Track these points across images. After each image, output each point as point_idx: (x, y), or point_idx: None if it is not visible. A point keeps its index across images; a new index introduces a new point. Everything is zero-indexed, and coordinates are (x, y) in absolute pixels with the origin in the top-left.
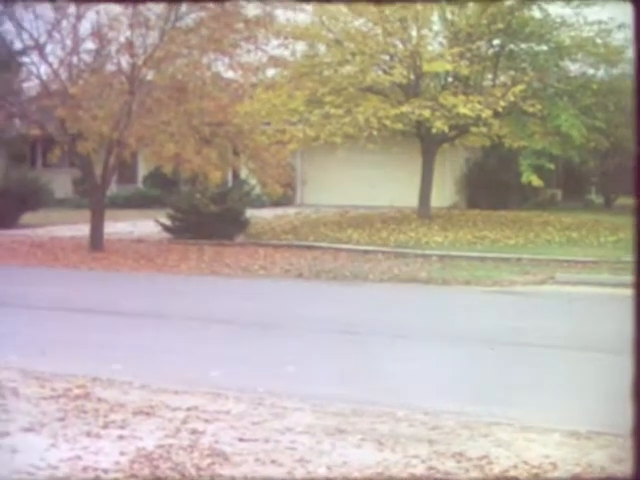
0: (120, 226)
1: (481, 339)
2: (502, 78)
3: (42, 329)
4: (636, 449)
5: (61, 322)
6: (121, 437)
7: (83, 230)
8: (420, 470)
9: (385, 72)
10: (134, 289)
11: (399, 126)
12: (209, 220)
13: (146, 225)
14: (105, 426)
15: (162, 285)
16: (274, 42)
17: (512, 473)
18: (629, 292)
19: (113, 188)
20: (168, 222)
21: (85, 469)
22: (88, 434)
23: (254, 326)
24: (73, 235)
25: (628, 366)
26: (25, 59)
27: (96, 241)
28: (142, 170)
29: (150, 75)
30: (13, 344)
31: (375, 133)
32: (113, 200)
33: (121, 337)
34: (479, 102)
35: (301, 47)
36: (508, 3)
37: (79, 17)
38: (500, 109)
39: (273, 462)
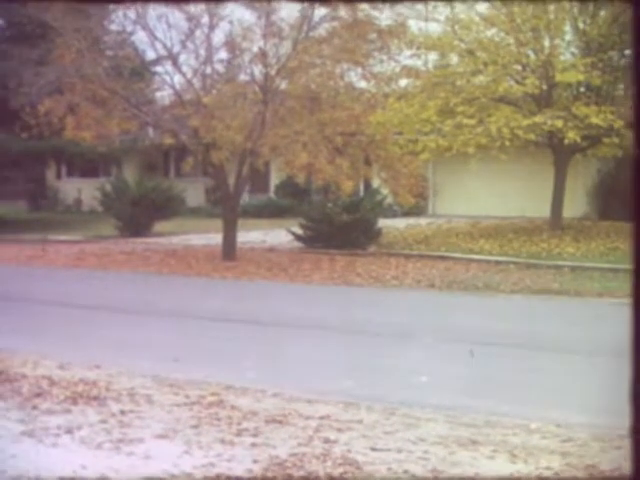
0: (252, 235)
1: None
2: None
3: (174, 336)
4: (635, 449)
5: (193, 329)
6: (254, 445)
7: (215, 239)
8: None
9: (517, 82)
10: (267, 298)
11: (531, 136)
12: (341, 229)
13: (278, 234)
14: (238, 434)
15: (295, 294)
16: (407, 52)
17: None
18: None
19: (245, 197)
20: (300, 231)
21: (218, 476)
22: (222, 441)
23: (387, 336)
24: (206, 244)
25: None
26: (158, 68)
27: (229, 250)
28: (274, 179)
29: (283, 85)
30: (146, 351)
31: (507, 143)
32: (245, 209)
33: (254, 345)
34: (611, 112)
35: (433, 57)
36: None
37: (212, 27)
38: (632, 119)
39: (405, 472)
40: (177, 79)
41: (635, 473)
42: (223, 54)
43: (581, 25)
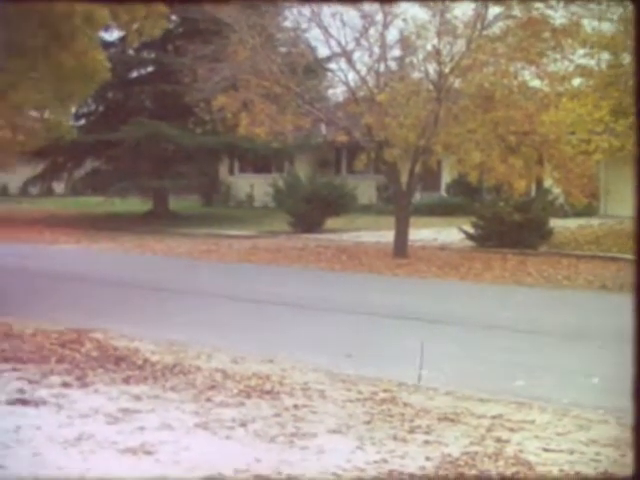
0: (423, 233)
1: None
2: None
3: (347, 332)
4: (636, 447)
5: (366, 326)
6: (427, 442)
7: (386, 236)
8: None
9: None
10: (437, 296)
11: None
12: (512, 229)
13: (449, 233)
14: (411, 431)
15: (465, 293)
16: (580, 51)
17: None
18: None
19: (416, 195)
20: (471, 230)
21: (391, 473)
22: (394, 438)
23: (558, 336)
24: (377, 241)
25: None
26: (331, 66)
27: (400, 248)
28: (445, 177)
29: (457, 83)
30: (319, 346)
31: None
32: (416, 207)
33: (427, 343)
34: None
35: (606, 56)
36: None
37: (386, 25)
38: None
39: (577, 474)
40: (351, 76)
41: (638, 471)
42: (396, 52)
43: None
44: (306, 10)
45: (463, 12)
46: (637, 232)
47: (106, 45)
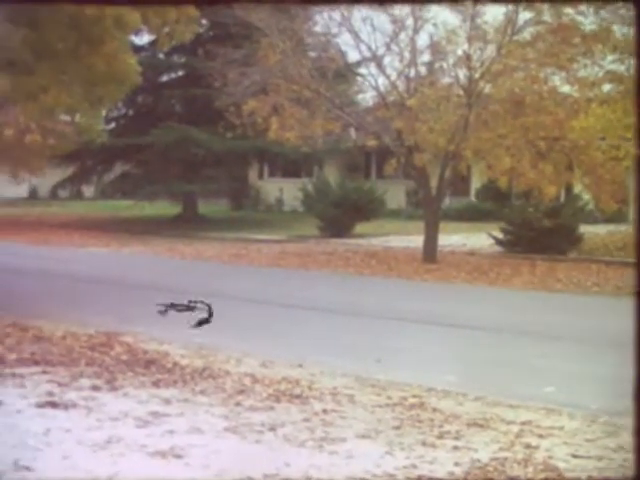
0: (453, 238)
1: None
2: None
3: (376, 337)
4: (637, 449)
5: (395, 331)
6: (456, 448)
7: (415, 241)
8: None
9: None
10: (466, 301)
11: None
12: (542, 235)
13: (478, 238)
14: (440, 436)
15: (494, 299)
16: (610, 57)
17: None
18: None
19: (446, 200)
20: (500, 235)
21: (420, 478)
22: (423, 443)
23: (586, 342)
24: (406, 246)
25: None
26: (361, 70)
27: (429, 253)
28: (475, 183)
29: (487, 88)
30: (349, 351)
31: None
32: (445, 212)
33: (456, 349)
34: None
35: (636, 62)
36: None
37: (416, 30)
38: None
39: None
40: (381, 81)
41: (638, 472)
42: (426, 57)
43: None
44: (336, 15)
45: (493, 17)
46: (637, 236)
47: (136, 49)
